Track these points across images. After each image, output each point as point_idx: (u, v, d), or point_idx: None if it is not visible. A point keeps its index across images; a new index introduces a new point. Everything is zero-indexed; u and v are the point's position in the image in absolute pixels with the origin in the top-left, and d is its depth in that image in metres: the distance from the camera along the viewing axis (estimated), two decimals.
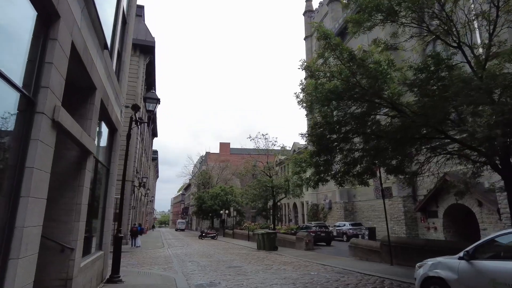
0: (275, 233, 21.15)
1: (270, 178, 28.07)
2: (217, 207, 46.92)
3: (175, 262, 14.46)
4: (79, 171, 5.95)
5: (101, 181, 8.64)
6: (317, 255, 17.08)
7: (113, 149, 9.27)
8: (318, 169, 11.74)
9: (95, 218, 8.33)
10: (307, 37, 48.36)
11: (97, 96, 6.47)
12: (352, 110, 11.94)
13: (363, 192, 32.34)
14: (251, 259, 15.46)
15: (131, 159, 26.12)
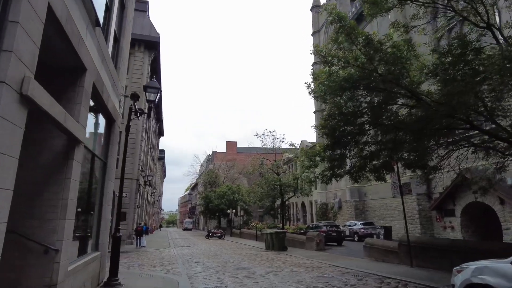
0: (284, 233, 20.34)
1: (278, 176, 27.24)
2: (224, 207, 46.27)
3: (180, 263, 13.76)
4: (66, 161, 5.23)
5: (97, 175, 7.94)
6: (329, 255, 16.23)
7: (111, 142, 8.56)
8: (332, 163, 10.90)
9: (90, 216, 7.63)
10: (314, 33, 47.40)
11: (88, 79, 5.75)
12: (368, 100, 11.09)
13: (374, 191, 31.37)
14: (259, 260, 14.69)
15: (136, 157, 25.56)
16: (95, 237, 7.87)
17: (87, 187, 7.58)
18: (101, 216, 8.03)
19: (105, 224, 8.17)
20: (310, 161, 11.87)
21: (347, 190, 34.05)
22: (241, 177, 65.44)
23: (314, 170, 12.08)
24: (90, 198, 7.72)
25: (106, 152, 8.43)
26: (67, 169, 5.20)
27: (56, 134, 5.24)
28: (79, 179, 5.61)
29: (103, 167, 8.30)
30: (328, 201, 40.06)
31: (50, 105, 3.96)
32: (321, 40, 46.09)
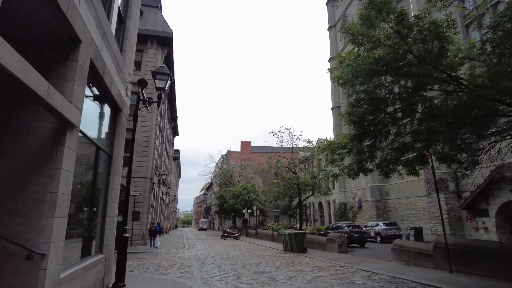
0: (304, 234, 19.26)
1: (295, 174, 26.15)
2: (239, 206, 45.46)
3: (194, 265, 12.91)
4: (55, 148, 4.39)
5: (101, 169, 7.13)
6: (354, 258, 15.07)
7: (117, 133, 7.76)
8: (361, 156, 9.79)
9: (93, 214, 6.82)
10: (330, 27, 46.05)
11: (83, 53, 4.91)
12: (401, 85, 9.94)
13: (396, 189, 29.89)
14: (279, 262, 13.69)
15: (150, 155, 24.99)
16: (99, 238, 7.06)
17: (90, 182, 6.79)
18: (105, 214, 7.22)
19: (110, 223, 7.36)
20: (334, 154, 10.78)
21: (368, 189, 32.63)
22: (256, 176, 64.57)
23: (339, 163, 10.96)
24: (94, 195, 6.94)
25: (112, 144, 7.63)
26: (56, 158, 4.36)
27: (44, 117, 4.42)
28: (73, 170, 4.77)
29: (108, 160, 7.50)
30: (347, 201, 38.69)
31: (23, 71, 3.09)
32: (338, 35, 44.69)
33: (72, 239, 5.99)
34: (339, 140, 10.99)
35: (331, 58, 44.45)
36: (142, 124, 25.23)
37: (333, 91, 42.98)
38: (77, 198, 6.26)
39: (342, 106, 41.19)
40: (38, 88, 3.42)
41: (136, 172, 24.18)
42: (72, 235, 6.01)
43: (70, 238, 5.79)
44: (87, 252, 6.51)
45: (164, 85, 8.60)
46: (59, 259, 4.37)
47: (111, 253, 7.53)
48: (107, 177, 7.41)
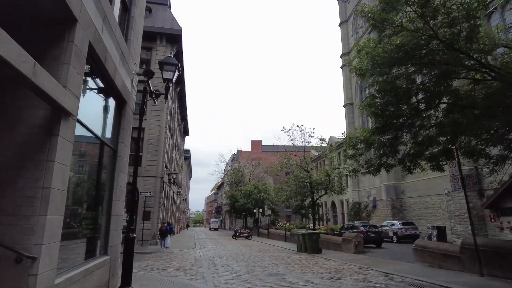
0: (318, 234, 18.60)
1: (308, 173, 25.46)
2: (250, 206, 44.95)
3: (205, 266, 12.42)
4: (48, 138, 3.91)
5: (104, 165, 6.67)
6: (372, 259, 14.35)
7: (122, 126, 7.29)
8: (382, 150, 9.12)
9: (96, 213, 6.37)
10: (342, 23, 45.07)
11: (80, 34, 4.43)
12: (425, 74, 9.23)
13: (413, 188, 28.90)
14: (293, 264, 13.08)
15: (160, 154, 24.69)
16: (104, 239, 6.61)
17: (93, 178, 6.34)
18: (110, 213, 6.76)
19: (116, 222, 6.90)
20: (354, 149, 10.11)
21: (383, 187, 31.68)
22: (267, 176, 64.01)
23: (359, 159, 10.30)
24: (98, 192, 6.48)
25: (116, 138, 7.17)
26: (49, 149, 3.88)
27: (36, 104, 3.94)
28: (69, 163, 4.29)
29: (113, 155, 7.04)
30: (361, 200, 37.75)
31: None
32: (350, 30, 43.76)
33: (74, 240, 5.55)
34: (358, 134, 10.34)
35: (343, 54, 43.53)
36: (152, 122, 24.97)
37: (346, 87, 42.06)
38: (79, 195, 5.82)
39: (355, 102, 40.25)
40: (22, 66, 2.92)
41: (146, 171, 23.92)
42: (74, 236, 5.57)
43: (71, 239, 5.35)
44: (91, 254, 6.06)
45: (172, 76, 8.11)
46: (53, 262, 3.89)
47: (117, 254, 7.08)
48: (112, 174, 6.96)
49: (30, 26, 4.15)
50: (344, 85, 42.54)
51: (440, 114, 9.47)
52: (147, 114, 25.02)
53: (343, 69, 43.08)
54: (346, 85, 41.94)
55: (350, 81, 41.74)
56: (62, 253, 4.84)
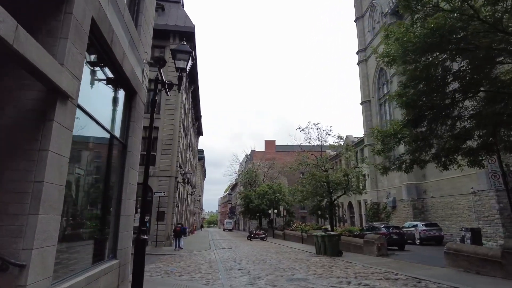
0: (339, 236, 17.73)
1: (325, 172, 24.58)
2: (264, 207, 44.27)
3: (221, 269, 11.79)
4: (41, 124, 3.33)
5: (113, 160, 6.11)
6: (398, 263, 13.42)
7: (132, 119, 6.73)
8: (416, 144, 8.27)
9: (104, 213, 5.80)
10: (358, 19, 43.88)
11: (80, 4, 3.84)
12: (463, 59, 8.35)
13: (436, 187, 27.58)
14: (314, 267, 12.31)
15: (174, 153, 24.27)
16: (112, 241, 6.04)
17: (102, 175, 5.78)
18: (119, 213, 6.19)
19: (126, 223, 6.33)
20: (382, 144, 9.29)
21: (403, 187, 30.42)
22: (281, 176, 63.16)
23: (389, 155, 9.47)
24: (106, 190, 5.93)
25: (126, 132, 6.61)
26: (43, 136, 3.29)
27: (28, 84, 3.37)
28: (68, 154, 3.70)
29: (122, 150, 6.48)
30: (380, 201, 36.50)
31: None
32: (366, 26, 42.57)
33: (79, 242, 5.00)
34: (387, 128, 9.51)
35: (359, 51, 42.35)
36: (166, 121, 24.61)
37: (363, 84, 40.87)
38: (85, 193, 5.27)
39: (373, 100, 39.05)
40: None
41: (160, 171, 23.55)
42: (79, 238, 5.01)
43: (75, 241, 4.80)
44: (98, 258, 5.50)
45: (185, 65, 7.51)
46: (47, 270, 3.29)
47: (127, 258, 6.50)
48: (121, 170, 6.40)
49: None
50: (361, 82, 41.35)
51: (479, 104, 8.55)
52: (161, 113, 24.69)
53: (360, 65, 41.89)
54: (363, 82, 40.75)
55: (367, 78, 40.54)
56: (64, 257, 4.28)
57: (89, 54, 4.83)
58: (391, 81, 34.08)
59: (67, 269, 4.42)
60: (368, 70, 40.67)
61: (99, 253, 5.59)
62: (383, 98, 37.22)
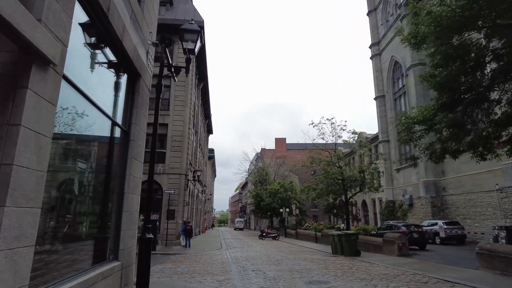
0: (356, 235, 16.84)
1: (340, 169, 23.65)
2: (276, 205, 43.48)
3: (234, 270, 11.08)
4: (11, 92, 2.64)
5: (113, 149, 5.44)
6: (422, 264, 12.49)
7: (136, 104, 6.05)
8: (449, 131, 7.37)
9: (102, 209, 5.13)
10: (370, 12, 42.65)
11: None
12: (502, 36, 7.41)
13: (456, 184, 26.34)
14: (334, 268, 11.50)
15: (184, 150, 23.71)
16: (113, 240, 5.36)
17: (101, 166, 5.12)
18: (121, 209, 5.52)
19: (128, 220, 5.65)
20: (409, 133, 8.41)
21: (421, 184, 29.22)
22: (292, 174, 62.25)
23: (417, 143, 8.58)
24: (106, 184, 5.26)
25: (129, 119, 5.93)
26: (13, 107, 2.60)
27: None
28: (50, 133, 3.01)
29: (125, 138, 5.80)
30: (395, 198, 35.31)
31: None
32: (379, 19, 41.32)
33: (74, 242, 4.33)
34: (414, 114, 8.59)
35: (372, 45, 41.13)
36: (175, 118, 24.06)
37: (376, 79, 39.66)
38: (82, 186, 4.60)
39: (387, 94, 37.84)
40: None
41: (170, 168, 23.01)
42: (73, 237, 4.34)
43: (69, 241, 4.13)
44: (97, 259, 4.83)
45: (193, 46, 6.81)
46: (19, 278, 2.59)
47: (131, 259, 5.82)
48: (123, 161, 5.72)
49: None
50: (374, 77, 40.14)
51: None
52: (170, 109, 24.14)
53: (373, 60, 40.67)
54: (377, 76, 39.54)
55: (380, 72, 39.33)
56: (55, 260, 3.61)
57: (83, 26, 4.16)
58: (407, 74, 32.85)
59: (57, 274, 3.76)
60: (382, 64, 39.45)
61: (98, 254, 4.92)
62: (398, 92, 35.98)
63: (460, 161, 26.14)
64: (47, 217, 3.79)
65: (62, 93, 3.32)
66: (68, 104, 3.97)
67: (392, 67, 37.03)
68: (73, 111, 4.24)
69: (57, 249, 3.95)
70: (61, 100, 3.31)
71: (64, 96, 3.51)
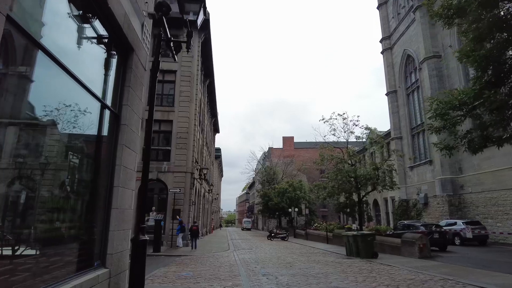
0: (373, 235, 15.79)
1: (352, 166, 22.55)
2: (284, 205, 42.46)
3: (243, 275, 10.13)
4: None
5: (100, 134, 4.54)
6: (449, 267, 11.38)
7: (127, 83, 5.15)
8: (496, 114, 6.32)
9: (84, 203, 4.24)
10: (381, 5, 41.37)
11: None
12: None
13: (476, 181, 25.05)
14: (352, 272, 10.48)
15: (189, 147, 22.87)
16: (100, 243, 4.46)
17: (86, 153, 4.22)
18: (110, 205, 4.61)
19: (118, 219, 4.75)
20: (442, 119, 7.38)
21: (437, 182, 27.96)
22: (300, 173, 61.15)
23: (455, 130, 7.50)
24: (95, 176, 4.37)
25: (119, 99, 5.03)
26: None
27: None
28: None
29: (114, 122, 4.89)
30: (409, 197, 34.04)
31: None
32: (389, 12, 40.04)
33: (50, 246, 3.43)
34: (448, 98, 7.52)
35: (383, 38, 39.88)
36: (180, 114, 23.23)
37: (388, 74, 38.40)
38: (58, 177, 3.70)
39: (399, 89, 36.56)
40: None
41: (175, 166, 22.18)
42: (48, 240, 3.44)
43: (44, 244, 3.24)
44: (78, 266, 3.93)
45: (195, 17, 5.90)
46: None
47: (122, 265, 4.91)
48: (113, 148, 4.81)
49: None
50: (386, 72, 38.88)
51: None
52: (175, 105, 23.32)
53: (384, 54, 39.42)
54: (388, 71, 38.28)
55: (392, 66, 38.06)
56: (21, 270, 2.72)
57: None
58: (420, 68, 31.59)
59: (19, 286, 2.87)
60: (393, 59, 38.17)
61: (79, 260, 4.02)
62: (411, 87, 34.70)
63: (480, 157, 24.84)
64: (7, 215, 2.92)
65: None
66: (44, 78, 3.11)
67: (404, 61, 35.76)
68: (48, 84, 3.37)
69: (27, 254, 3.07)
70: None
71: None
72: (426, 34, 29.95)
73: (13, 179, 3.06)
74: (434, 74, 28.94)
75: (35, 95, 3.23)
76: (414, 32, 32.71)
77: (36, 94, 3.25)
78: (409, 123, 34.69)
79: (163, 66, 25.29)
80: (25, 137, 3.27)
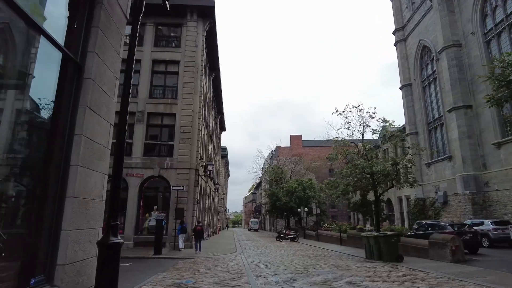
0: (397, 236, 14.13)
1: (369, 162, 20.85)
2: (293, 205, 40.86)
3: (253, 283, 8.59)
4: None
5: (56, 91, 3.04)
6: (494, 274, 9.69)
7: (94, 23, 3.67)
8: None
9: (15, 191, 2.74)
10: None
11: None
12: None
13: (501, 178, 23.17)
14: (381, 280, 8.87)
15: (194, 142, 21.41)
16: (46, 248, 2.97)
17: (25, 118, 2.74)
18: (64, 193, 3.12)
19: (78, 214, 3.26)
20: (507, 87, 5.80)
21: (458, 179, 26.08)
22: (309, 172, 59.54)
23: None
24: (45, 149, 2.88)
25: (83, 45, 3.54)
26: None
27: None
28: None
29: (74, 75, 3.40)
30: (426, 196, 32.17)
31: None
32: (403, 2, 38.21)
33: None
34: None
35: (396, 30, 38.03)
36: (184, 107, 21.81)
37: (402, 67, 36.54)
38: None
39: (414, 82, 34.70)
40: None
41: (178, 162, 20.73)
42: None
43: None
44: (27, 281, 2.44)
45: None
46: None
47: (84, 279, 3.41)
48: (70, 111, 3.32)
49: None
50: (400, 65, 37.03)
51: None
52: (178, 97, 21.90)
53: (397, 46, 37.57)
54: (403, 64, 36.42)
55: (406, 59, 36.21)
56: None
57: None
58: (438, 59, 29.75)
59: None
60: (407, 51, 36.32)
61: (6, 275, 2.53)
62: (427, 79, 32.83)
63: (507, 152, 23.04)
64: None
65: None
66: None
67: (419, 52, 33.89)
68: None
69: None
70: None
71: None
72: (444, 21, 28.10)
73: None
74: (453, 64, 27.08)
75: None
76: (431, 21, 30.86)
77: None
78: (425, 117, 32.83)
79: (165, 56, 24.12)
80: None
